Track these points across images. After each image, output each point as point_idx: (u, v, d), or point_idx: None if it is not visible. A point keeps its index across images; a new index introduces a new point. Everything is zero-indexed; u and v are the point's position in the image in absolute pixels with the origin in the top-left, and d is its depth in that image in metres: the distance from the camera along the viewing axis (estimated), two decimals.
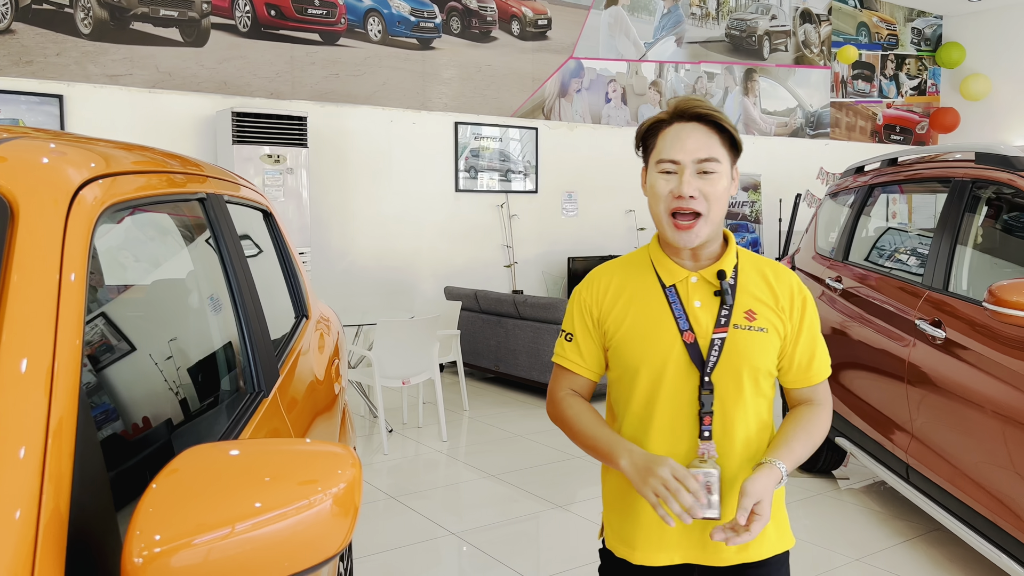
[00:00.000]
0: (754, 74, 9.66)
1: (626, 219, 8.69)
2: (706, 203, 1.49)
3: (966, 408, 2.81)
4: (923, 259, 3.40)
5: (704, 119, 1.52)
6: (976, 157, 3.14)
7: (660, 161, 1.53)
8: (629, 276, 1.62)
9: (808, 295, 1.61)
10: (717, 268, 1.55)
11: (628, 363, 1.57)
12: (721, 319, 1.53)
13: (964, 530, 2.87)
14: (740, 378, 1.53)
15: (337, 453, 0.80)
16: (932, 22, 11.30)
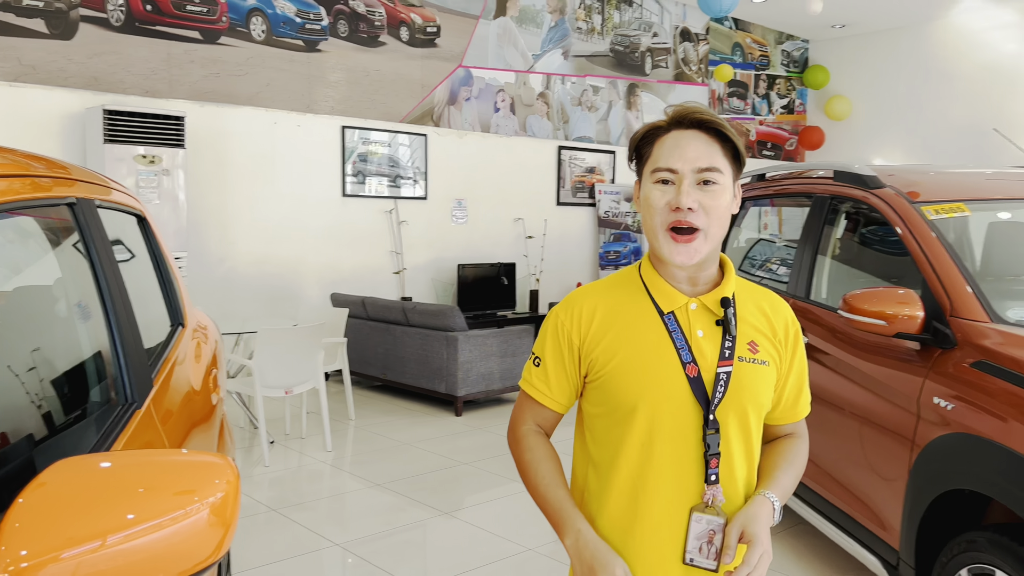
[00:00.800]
0: (637, 89, 9.99)
1: (515, 227, 8.80)
2: (706, 217, 1.34)
3: (827, 410, 3.01)
4: (789, 269, 3.62)
5: (705, 127, 1.37)
6: (835, 175, 3.38)
7: (656, 170, 1.38)
8: (619, 301, 1.45)
9: (799, 328, 1.51)
10: (719, 294, 1.41)
11: (622, 399, 1.39)
12: (725, 351, 1.38)
13: (825, 524, 3.07)
14: (744, 415, 1.39)
15: (214, 463, 0.79)
16: (800, 45, 12.02)
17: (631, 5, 9.80)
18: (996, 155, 9.46)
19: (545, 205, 9.11)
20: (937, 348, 2.46)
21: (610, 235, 9.61)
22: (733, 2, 7.32)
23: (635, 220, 9.81)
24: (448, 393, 6.20)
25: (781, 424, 1.53)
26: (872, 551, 2.73)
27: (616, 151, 9.77)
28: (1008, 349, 2.24)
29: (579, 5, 9.24)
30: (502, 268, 8.32)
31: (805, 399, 1.54)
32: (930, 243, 2.65)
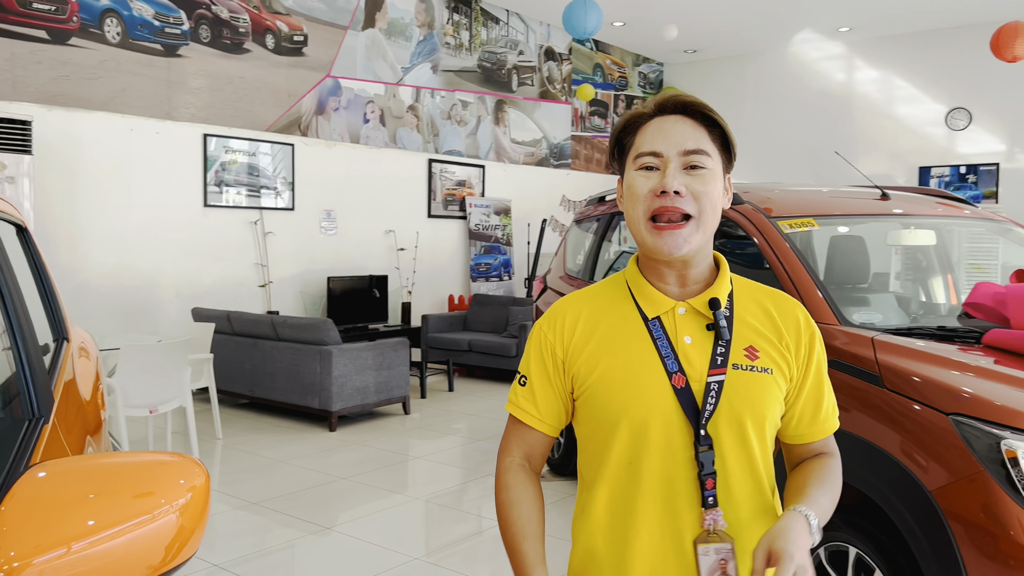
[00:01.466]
0: (504, 105, 10.21)
1: (386, 239, 8.77)
2: (695, 204, 1.22)
3: None
4: None
5: (691, 111, 1.27)
6: None
7: (640, 155, 1.26)
8: (602, 308, 1.33)
9: (816, 330, 1.34)
10: (709, 295, 1.28)
11: (605, 415, 1.27)
12: (717, 358, 1.25)
13: None
14: (744, 429, 1.24)
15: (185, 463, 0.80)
16: (655, 68, 12.68)
17: (498, 23, 10.03)
18: (831, 174, 10.37)
19: (416, 217, 9.14)
20: None
21: (481, 247, 9.76)
22: (597, 25, 7.65)
23: (504, 233, 10.01)
24: (322, 408, 6.09)
25: (804, 443, 1.35)
26: None
27: (486, 165, 9.94)
28: (853, 348, 2.50)
29: (447, 21, 9.36)
30: (373, 280, 8.27)
31: (829, 412, 1.34)
32: (786, 254, 2.92)
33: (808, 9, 9.52)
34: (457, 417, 6.63)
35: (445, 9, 9.34)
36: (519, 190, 10.37)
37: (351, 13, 8.33)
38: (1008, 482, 1.94)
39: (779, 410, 1.29)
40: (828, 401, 1.34)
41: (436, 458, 5.38)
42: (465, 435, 5.99)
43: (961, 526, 2.00)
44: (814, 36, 10.81)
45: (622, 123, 1.32)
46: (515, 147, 10.43)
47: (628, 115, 1.32)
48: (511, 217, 10.14)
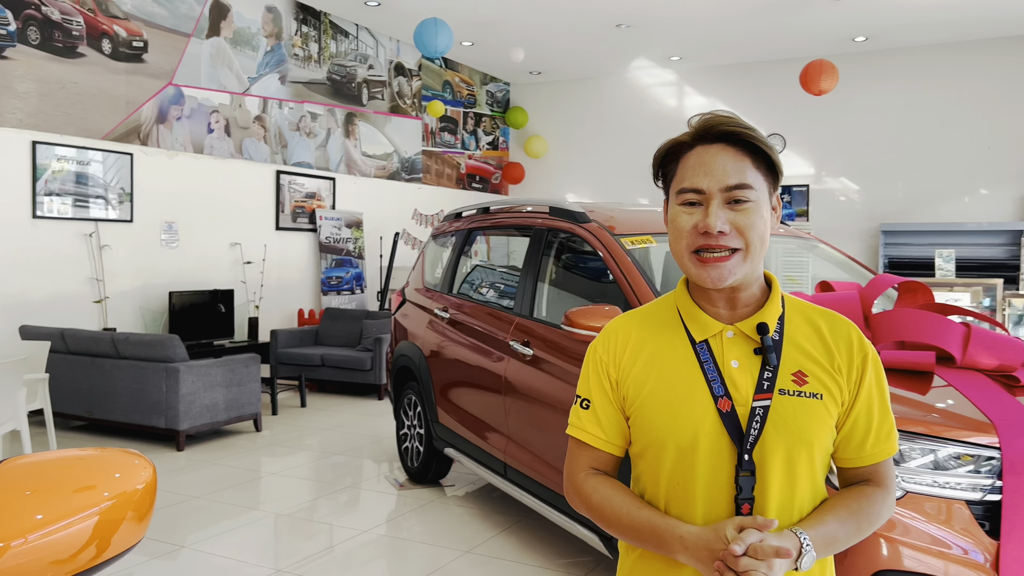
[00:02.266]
0: (355, 118, 10.22)
1: (232, 252, 8.54)
2: (740, 238, 1.23)
3: (549, 410, 3.47)
4: (514, 292, 4.08)
5: (733, 139, 1.25)
6: (550, 210, 3.91)
7: (682, 191, 1.27)
8: (651, 329, 1.34)
9: (871, 351, 1.31)
10: (757, 320, 1.28)
11: (652, 436, 1.28)
12: (764, 383, 1.24)
13: (550, 511, 3.52)
14: (790, 457, 1.23)
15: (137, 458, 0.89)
16: (502, 87, 13.09)
17: (347, 37, 10.04)
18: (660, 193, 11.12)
19: (264, 230, 8.96)
20: None
21: (332, 261, 9.70)
22: (447, 45, 7.87)
23: (356, 247, 9.99)
24: (168, 428, 5.89)
25: (852, 467, 1.32)
26: (591, 528, 3.22)
27: (336, 178, 9.90)
28: None
29: (295, 32, 9.28)
30: (218, 295, 8.04)
31: (879, 436, 1.30)
32: (628, 267, 3.23)
33: (643, 38, 10.20)
34: (310, 432, 6.59)
35: (293, 20, 9.26)
36: (371, 203, 10.40)
37: (195, 20, 8.10)
38: None
39: (830, 436, 1.27)
40: (881, 426, 1.30)
41: (289, 474, 5.35)
42: (318, 450, 5.98)
43: None
44: (648, 63, 11.57)
45: (663, 151, 1.32)
46: (366, 160, 10.45)
47: (669, 143, 1.31)
48: (363, 230, 10.14)
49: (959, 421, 2.32)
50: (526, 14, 9.28)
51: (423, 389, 4.74)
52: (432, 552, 3.95)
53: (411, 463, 5.06)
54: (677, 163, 1.29)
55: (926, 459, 2.29)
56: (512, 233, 4.49)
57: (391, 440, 6.20)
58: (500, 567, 3.75)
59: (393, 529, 4.29)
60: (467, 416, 4.26)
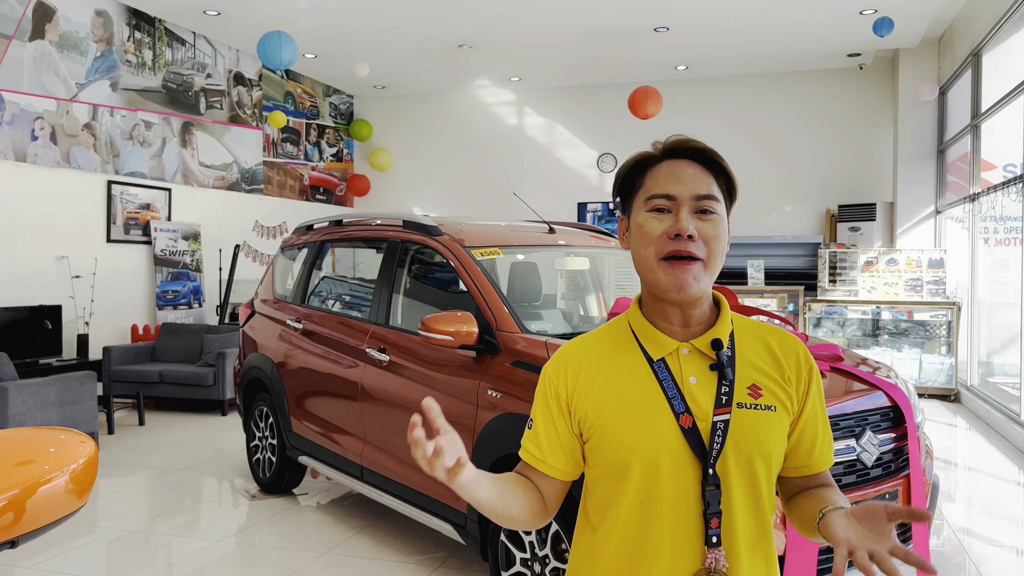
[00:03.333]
0: (192, 127, 9.94)
1: (59, 266, 8.08)
2: (705, 248, 1.28)
3: (405, 413, 3.68)
4: (369, 301, 4.25)
5: (699, 157, 1.32)
6: (403, 223, 4.13)
7: (652, 197, 1.30)
8: (606, 351, 1.36)
9: (815, 366, 1.38)
10: (712, 336, 1.32)
11: (615, 457, 1.29)
12: (722, 397, 1.28)
13: (407, 507, 3.72)
14: (750, 468, 1.28)
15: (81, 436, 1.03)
16: (346, 100, 13.11)
17: (184, 44, 9.77)
18: (505, 207, 11.59)
19: (94, 242, 8.54)
20: (488, 355, 3.28)
21: (168, 274, 9.37)
22: (292, 58, 7.89)
23: (194, 259, 9.70)
24: None
25: (802, 475, 1.37)
26: (445, 519, 3.45)
27: (172, 188, 9.58)
28: (532, 350, 3.13)
29: (128, 38, 8.94)
30: (44, 311, 7.60)
31: (823, 447, 1.37)
32: (479, 277, 3.50)
33: (484, 59, 10.61)
34: (150, 451, 6.40)
35: (126, 26, 8.92)
36: (209, 215, 10.13)
37: (16, 22, 7.65)
38: None
39: (783, 446, 1.33)
40: (824, 434, 1.37)
41: (129, 492, 5.21)
42: (159, 468, 5.84)
43: None
44: (490, 83, 12.02)
45: (631, 163, 1.36)
46: (204, 171, 10.18)
47: (637, 156, 1.35)
48: (201, 242, 9.87)
49: None
50: (370, 30, 9.44)
51: (276, 400, 4.80)
52: (288, 556, 4.03)
53: (263, 474, 5.08)
54: (644, 175, 1.33)
55: None
56: (365, 245, 4.66)
57: (238, 455, 6.14)
58: (358, 565, 3.90)
59: (245, 539, 4.32)
60: (323, 423, 4.38)
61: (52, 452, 1.00)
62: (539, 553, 2.99)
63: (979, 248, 8.41)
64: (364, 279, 4.62)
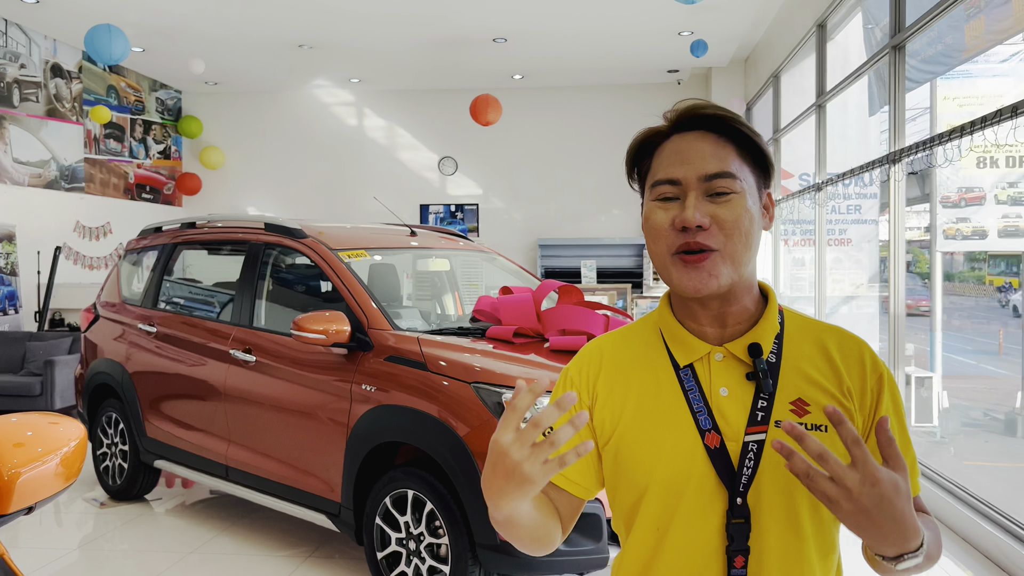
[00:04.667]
0: (4, 121, 9.25)
1: None
2: (722, 236, 1.08)
3: (274, 410, 3.79)
4: (230, 303, 4.29)
5: (715, 125, 1.11)
6: (266, 226, 4.21)
7: (656, 184, 1.12)
8: (632, 352, 1.19)
9: (887, 371, 1.13)
10: (750, 339, 1.12)
11: (631, 478, 1.13)
12: (757, 413, 1.08)
13: (276, 501, 3.83)
14: (792, 502, 1.06)
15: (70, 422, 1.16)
16: (173, 95, 12.58)
17: None
18: (347, 208, 11.64)
19: None
20: (360, 351, 3.48)
21: None
22: (123, 52, 7.59)
23: (8, 262, 9.02)
24: None
25: None
26: (319, 510, 3.61)
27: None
28: (404, 345, 3.37)
29: None
30: None
31: None
32: (348, 278, 3.68)
33: (324, 59, 10.60)
34: None
35: None
36: (25, 214, 9.46)
37: None
38: None
39: None
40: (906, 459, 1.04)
41: None
42: None
43: (482, 458, 2.96)
44: (329, 83, 11.99)
45: (636, 144, 1.18)
46: (18, 167, 9.49)
47: (642, 134, 1.18)
48: (16, 244, 9.20)
49: None
50: (206, 27, 9.20)
51: (128, 405, 4.70)
52: (148, 559, 4.01)
53: (113, 481, 4.95)
54: (652, 157, 1.15)
55: None
56: (223, 248, 4.68)
57: None
58: (225, 563, 3.96)
59: (98, 547, 4.23)
60: (182, 426, 4.36)
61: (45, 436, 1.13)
62: (414, 532, 3.23)
63: (780, 248, 9.50)
64: (222, 282, 4.63)
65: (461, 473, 3.00)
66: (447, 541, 3.09)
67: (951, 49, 7.52)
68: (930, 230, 11.12)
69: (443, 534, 3.11)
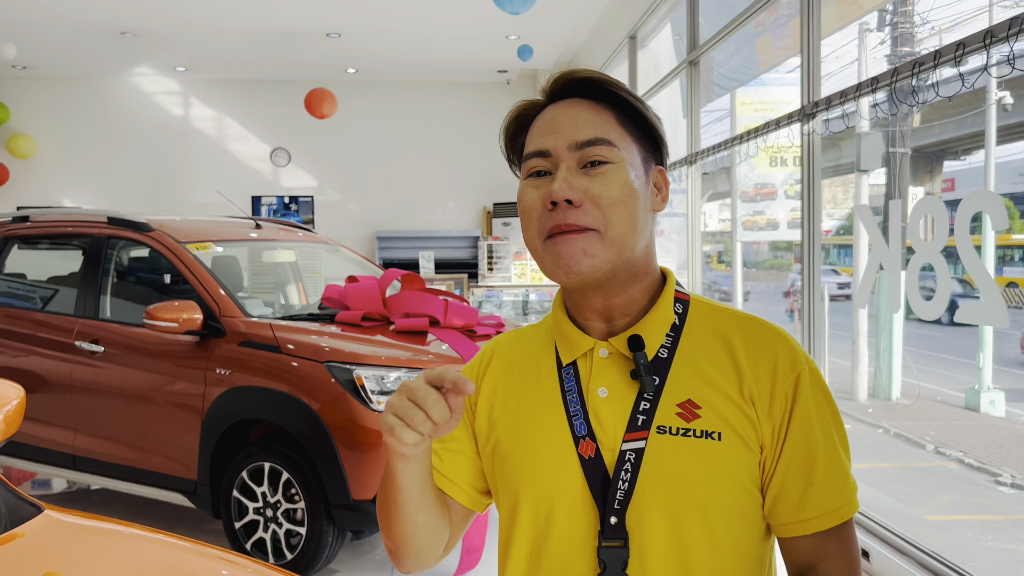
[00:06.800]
0: None
1: None
2: (598, 212, 0.93)
3: (124, 397, 3.90)
4: (72, 297, 4.31)
5: (591, 89, 0.98)
6: (108, 220, 4.27)
7: (526, 158, 0.99)
8: (522, 350, 1.08)
9: (806, 371, 0.97)
10: (632, 332, 0.98)
11: (504, 489, 1.01)
12: (637, 417, 0.95)
13: (132, 486, 3.95)
14: (677, 522, 0.91)
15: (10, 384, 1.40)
16: None
17: None
18: (171, 200, 11.37)
19: None
20: (213, 338, 3.69)
21: None
22: None
23: None
24: None
25: (792, 535, 0.96)
26: (175, 489, 3.79)
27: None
28: (256, 331, 3.62)
29: None
30: None
31: (831, 488, 0.94)
32: (198, 269, 3.87)
33: (147, 47, 10.28)
34: None
35: None
36: None
37: None
38: (359, 396, 3.32)
39: (740, 494, 0.93)
40: (829, 473, 0.94)
41: None
42: None
43: (334, 429, 3.29)
44: (152, 71, 11.59)
45: (511, 119, 1.04)
46: None
47: (515, 109, 1.04)
48: None
49: (445, 359, 3.57)
50: (17, 9, 8.71)
51: None
52: None
53: None
54: (527, 132, 1.02)
55: None
56: (61, 242, 4.66)
57: None
58: None
59: None
60: (25, 424, 4.34)
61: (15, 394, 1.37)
62: (271, 500, 3.51)
63: None
64: (61, 276, 4.61)
65: (316, 443, 3.32)
66: (303, 505, 3.40)
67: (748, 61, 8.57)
68: (731, 221, 12.40)
69: (299, 499, 3.42)
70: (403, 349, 3.59)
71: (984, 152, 10.04)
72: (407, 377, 3.42)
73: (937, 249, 2.71)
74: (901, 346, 9.87)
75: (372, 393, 3.31)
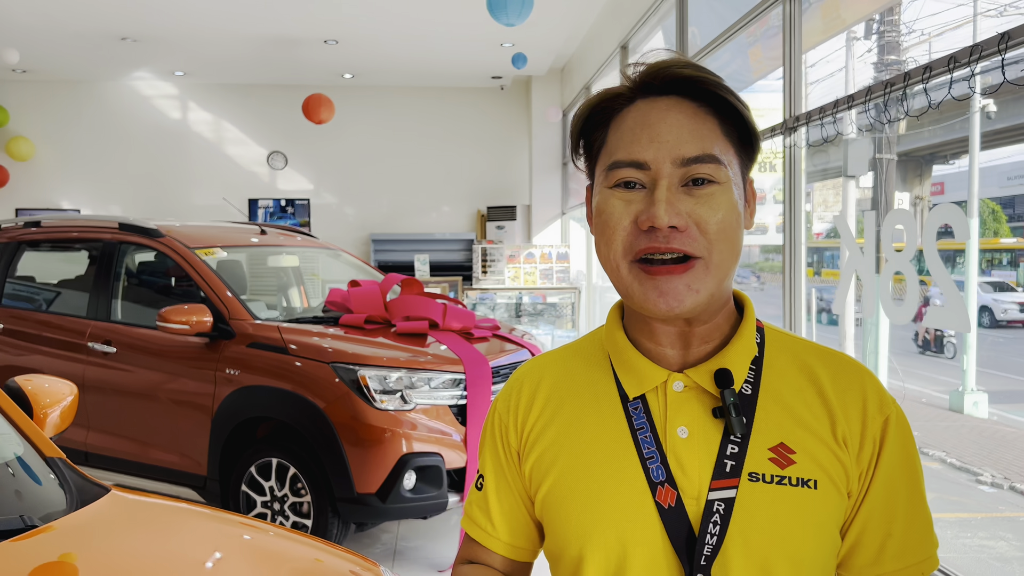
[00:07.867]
0: None
1: None
2: (703, 239, 0.83)
3: (134, 396, 4.07)
4: (85, 300, 4.47)
5: (693, 90, 0.86)
6: (120, 226, 4.44)
7: (615, 165, 0.87)
8: (573, 376, 0.96)
9: (894, 414, 0.89)
10: (716, 365, 0.88)
11: (565, 540, 0.90)
12: (725, 463, 0.85)
13: (145, 482, 4.12)
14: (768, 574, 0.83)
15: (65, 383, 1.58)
16: None
17: None
18: (172, 204, 11.49)
19: None
20: (223, 340, 3.86)
21: None
22: None
23: None
24: None
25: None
26: (185, 484, 3.95)
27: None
28: (264, 333, 3.79)
29: None
30: None
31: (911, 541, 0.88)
32: (207, 273, 4.04)
33: (147, 52, 10.43)
34: None
35: None
36: None
37: None
38: (362, 395, 3.49)
39: (831, 545, 0.86)
40: (908, 527, 0.88)
41: None
42: None
43: (339, 426, 3.47)
44: (150, 75, 11.74)
45: (586, 110, 0.92)
46: None
47: (597, 98, 0.91)
48: None
49: (443, 360, 3.75)
50: (18, 15, 8.86)
51: None
52: None
53: None
54: (608, 128, 0.89)
55: (427, 384, 3.66)
56: (72, 247, 4.82)
57: None
58: None
59: None
60: None
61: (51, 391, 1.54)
62: (278, 494, 3.68)
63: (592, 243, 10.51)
64: (73, 279, 4.77)
65: (322, 440, 3.50)
66: (309, 499, 3.58)
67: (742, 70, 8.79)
68: None
69: (305, 493, 3.60)
70: (404, 350, 3.77)
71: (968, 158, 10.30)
72: (408, 377, 3.61)
73: (907, 258, 2.90)
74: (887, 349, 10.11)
75: (375, 392, 3.49)
